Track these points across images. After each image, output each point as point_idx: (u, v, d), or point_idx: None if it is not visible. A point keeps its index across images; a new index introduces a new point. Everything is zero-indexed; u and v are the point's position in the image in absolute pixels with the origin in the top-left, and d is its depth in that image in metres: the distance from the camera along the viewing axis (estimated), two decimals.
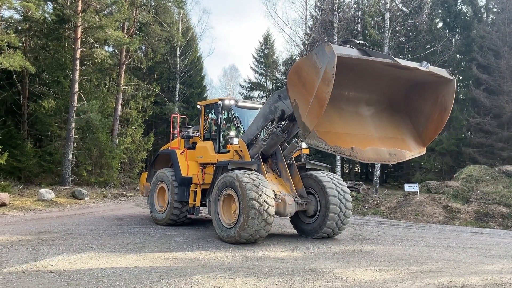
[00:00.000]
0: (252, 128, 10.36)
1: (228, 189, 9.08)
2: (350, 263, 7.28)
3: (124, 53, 26.42)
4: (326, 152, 10.27)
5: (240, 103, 11.53)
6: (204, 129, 11.86)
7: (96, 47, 23.35)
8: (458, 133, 27.93)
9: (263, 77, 45.33)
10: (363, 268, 6.83)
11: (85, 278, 5.70)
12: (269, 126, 10.23)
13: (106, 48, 26.16)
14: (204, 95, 41.40)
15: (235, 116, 11.66)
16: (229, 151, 10.56)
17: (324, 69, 6.76)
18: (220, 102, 11.15)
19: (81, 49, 21.91)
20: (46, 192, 16.97)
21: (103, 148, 23.44)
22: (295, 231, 10.65)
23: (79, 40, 21.48)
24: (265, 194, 8.52)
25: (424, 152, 8.56)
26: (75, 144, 22.56)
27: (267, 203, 8.45)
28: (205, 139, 11.68)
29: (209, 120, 11.72)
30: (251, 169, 9.42)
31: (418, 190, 17.55)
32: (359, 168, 44.58)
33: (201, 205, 11.15)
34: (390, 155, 8.12)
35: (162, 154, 12.86)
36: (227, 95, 50.87)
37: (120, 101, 26.62)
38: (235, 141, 10.32)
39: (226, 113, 11.53)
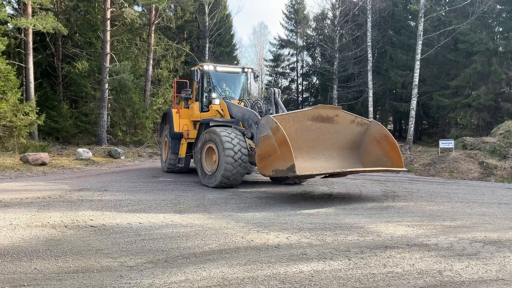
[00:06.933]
0: (233, 110, 11.57)
1: (209, 142, 10.61)
2: (382, 218, 7.28)
3: (153, 12, 26.27)
4: None
5: (218, 68, 12.98)
6: (196, 91, 13.37)
7: (126, 7, 23.32)
8: (497, 87, 26.86)
9: (294, 34, 44.41)
10: (395, 224, 6.84)
11: (124, 232, 5.93)
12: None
13: (135, 7, 26.08)
14: (234, 54, 41.00)
15: (212, 81, 12.96)
16: (209, 110, 12.31)
17: (269, 129, 8.42)
18: (198, 68, 12.73)
19: (111, 9, 21.92)
20: (84, 152, 17.51)
21: (136, 108, 23.82)
22: (326, 189, 10.89)
23: (108, 0, 21.46)
24: (239, 144, 10.01)
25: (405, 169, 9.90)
26: (109, 105, 23.00)
27: (241, 151, 9.96)
28: (196, 100, 13.29)
29: (197, 83, 13.15)
30: (230, 126, 10.91)
31: (453, 146, 17.18)
32: (392, 125, 43.87)
33: (191, 156, 12.97)
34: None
35: (166, 113, 14.88)
36: (256, 53, 50.30)
37: (151, 62, 26.73)
38: (216, 101, 12.11)
39: (207, 77, 12.87)
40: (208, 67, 12.74)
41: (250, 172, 13.14)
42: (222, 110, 11.87)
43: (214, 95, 12.46)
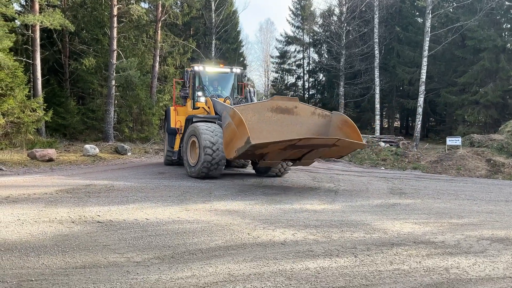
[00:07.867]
0: (218, 108, 12.02)
1: (192, 136, 11.41)
2: (389, 216, 7.27)
3: (160, 9, 26.28)
4: None
5: (207, 68, 13.88)
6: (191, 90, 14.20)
7: (132, 4, 23.37)
8: (505, 85, 26.66)
9: (300, 31, 44.28)
10: (402, 221, 6.82)
11: (130, 228, 5.95)
12: None
13: (142, 4, 26.14)
14: (240, 51, 40.97)
15: (202, 81, 13.84)
16: (199, 108, 13.07)
17: (230, 117, 9.20)
18: (189, 69, 13.80)
19: (117, 6, 21.95)
20: (91, 148, 17.57)
21: (143, 105, 23.87)
22: (332, 186, 10.85)
23: None
24: (216, 133, 10.71)
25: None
26: (116, 101, 23.05)
27: (217, 136, 10.63)
28: (191, 99, 14.01)
29: (188, 83, 13.96)
30: (213, 122, 11.50)
31: (460, 144, 17.09)
32: (399, 122, 43.70)
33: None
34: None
35: (166, 110, 15.75)
36: (263, 50, 50.26)
37: (158, 58, 26.73)
38: (202, 99, 13.05)
39: (198, 77, 13.70)
40: (198, 68, 13.64)
41: (245, 166, 14.43)
42: (208, 107, 12.64)
43: (199, 93, 13.34)
